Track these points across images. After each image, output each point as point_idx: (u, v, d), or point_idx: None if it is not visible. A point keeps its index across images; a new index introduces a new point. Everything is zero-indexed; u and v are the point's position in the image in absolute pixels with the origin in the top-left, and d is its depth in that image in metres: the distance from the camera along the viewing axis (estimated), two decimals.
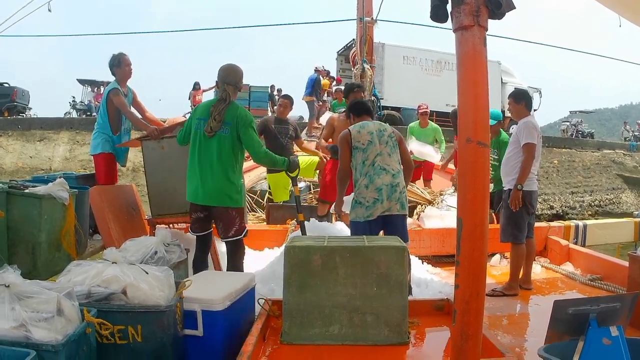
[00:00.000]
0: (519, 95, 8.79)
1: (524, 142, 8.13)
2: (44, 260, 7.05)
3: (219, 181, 7.20)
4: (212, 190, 7.21)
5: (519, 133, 8.26)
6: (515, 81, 38.26)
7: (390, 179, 7.59)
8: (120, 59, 9.67)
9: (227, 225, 7.29)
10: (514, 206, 8.15)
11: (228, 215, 7.26)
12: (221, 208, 7.25)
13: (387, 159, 7.73)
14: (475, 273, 3.86)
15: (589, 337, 4.09)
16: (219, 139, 7.21)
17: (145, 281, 4.76)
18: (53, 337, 3.75)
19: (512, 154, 8.38)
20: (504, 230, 8.52)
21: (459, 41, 3.90)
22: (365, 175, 7.62)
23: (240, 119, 7.28)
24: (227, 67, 7.62)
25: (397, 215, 7.65)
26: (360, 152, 7.74)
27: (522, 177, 8.11)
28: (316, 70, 30.85)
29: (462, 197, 3.92)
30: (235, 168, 7.35)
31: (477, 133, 3.81)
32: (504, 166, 8.57)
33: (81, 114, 39.52)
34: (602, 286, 8.51)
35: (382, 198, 7.49)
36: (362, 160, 7.71)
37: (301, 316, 5.30)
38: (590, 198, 32.50)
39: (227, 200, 7.23)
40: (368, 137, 7.77)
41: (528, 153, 8.08)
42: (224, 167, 7.22)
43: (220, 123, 7.18)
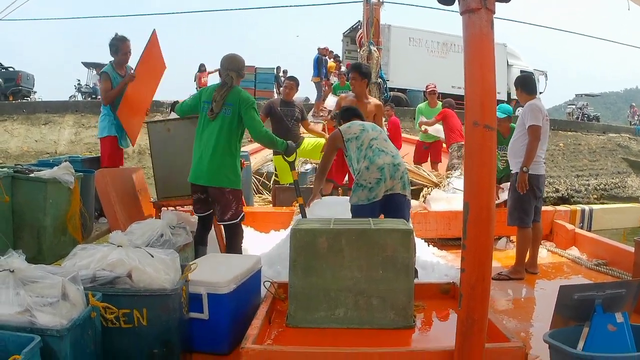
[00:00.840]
0: (516, 81, 8.98)
1: (528, 124, 8.10)
2: (49, 244, 7.05)
3: (216, 161, 7.34)
4: (208, 170, 7.34)
5: (524, 116, 8.24)
6: (521, 64, 38.23)
7: (391, 159, 7.51)
8: (118, 46, 9.81)
9: (223, 208, 7.41)
10: (521, 189, 8.10)
11: (224, 197, 7.40)
12: (217, 189, 7.39)
13: (384, 143, 7.71)
14: (482, 257, 3.84)
15: (594, 323, 4.09)
16: (220, 120, 7.40)
17: (150, 264, 4.77)
18: (58, 321, 3.76)
19: (519, 137, 8.35)
20: (510, 214, 8.48)
21: (466, 24, 3.86)
22: (364, 158, 7.53)
23: (242, 100, 7.45)
24: (230, 55, 7.78)
25: (399, 195, 7.56)
26: (354, 141, 7.71)
27: (527, 160, 8.07)
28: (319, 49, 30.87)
29: (468, 180, 3.90)
30: (232, 149, 7.51)
31: (484, 116, 3.78)
32: (511, 149, 8.53)
33: (86, 97, 39.49)
34: (608, 271, 8.51)
35: (385, 177, 7.38)
36: (357, 147, 7.66)
37: (307, 299, 5.28)
38: (596, 182, 32.42)
39: (224, 181, 7.37)
40: (359, 127, 7.81)
41: (533, 135, 8.04)
42: (221, 147, 7.37)
43: (221, 104, 7.38)
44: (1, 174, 6.70)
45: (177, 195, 8.39)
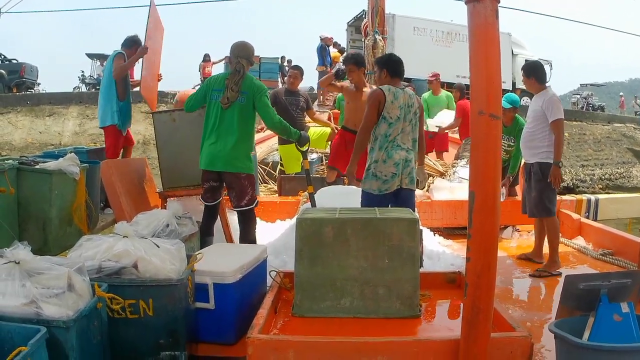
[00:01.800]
0: (527, 70, 8.60)
1: (553, 118, 7.97)
2: (54, 235, 7.06)
3: (234, 148, 7.38)
4: (226, 156, 7.37)
5: (547, 109, 8.06)
6: (526, 53, 38.14)
7: (405, 154, 7.55)
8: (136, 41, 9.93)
9: (240, 194, 7.46)
10: (557, 184, 8.05)
11: (240, 183, 7.49)
12: (234, 175, 7.44)
13: (405, 137, 7.65)
14: (487, 246, 3.85)
15: (599, 313, 4.10)
16: (237, 108, 7.43)
17: (156, 255, 4.78)
18: (64, 313, 3.77)
19: (537, 129, 8.22)
20: (536, 206, 8.34)
21: (471, 13, 3.86)
22: (384, 149, 7.52)
23: (256, 88, 7.52)
24: (240, 43, 7.83)
25: (405, 189, 7.61)
26: (386, 125, 7.58)
27: (558, 154, 7.97)
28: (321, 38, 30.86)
29: (474, 170, 3.91)
30: (249, 136, 7.71)
31: (489, 105, 3.78)
32: (527, 140, 8.40)
33: (90, 88, 39.43)
34: (614, 261, 8.51)
35: (399, 172, 7.46)
36: (385, 133, 7.57)
37: (313, 289, 5.29)
38: (601, 171, 32.42)
39: (241, 166, 7.44)
40: (398, 111, 7.60)
41: (559, 129, 7.97)
42: (239, 134, 7.41)
43: (237, 93, 7.40)
44: (6, 166, 6.70)
45: (182, 185, 8.43)
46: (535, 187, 8.31)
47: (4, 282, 3.80)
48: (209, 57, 36.17)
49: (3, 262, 3.89)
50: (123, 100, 9.77)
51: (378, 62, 8.28)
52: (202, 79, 35.45)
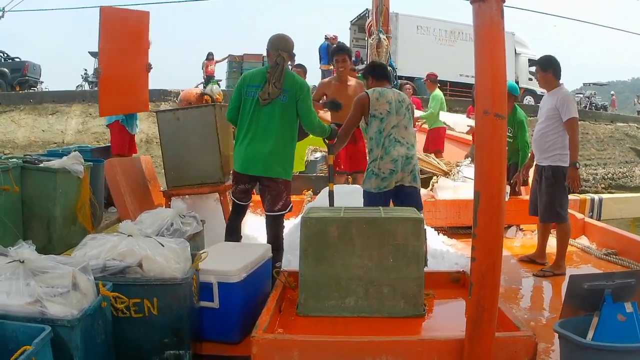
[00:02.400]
0: (546, 63, 8.27)
1: (567, 117, 7.78)
2: (59, 234, 7.08)
3: (273, 151, 6.95)
4: (264, 160, 6.96)
5: (560, 107, 7.85)
6: (529, 52, 38.23)
7: (405, 151, 7.51)
8: None
9: (275, 199, 7.08)
10: (575, 187, 7.87)
11: (277, 187, 7.08)
12: (271, 179, 7.04)
13: (403, 132, 7.64)
14: (492, 246, 3.86)
15: (603, 313, 4.10)
16: (278, 106, 6.96)
17: (161, 254, 4.79)
18: (68, 312, 3.78)
19: (550, 129, 8.01)
20: (547, 210, 8.16)
21: (476, 13, 3.87)
22: (381, 146, 7.50)
23: (299, 86, 7.06)
24: (279, 35, 7.35)
25: (408, 187, 7.58)
26: (377, 121, 7.59)
27: (575, 154, 7.80)
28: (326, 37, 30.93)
29: (479, 169, 3.91)
30: (290, 138, 7.15)
31: (494, 105, 3.79)
32: (540, 141, 8.18)
33: (93, 86, 39.39)
34: (617, 261, 8.49)
35: (397, 169, 7.42)
36: (378, 130, 7.57)
37: (317, 288, 5.30)
38: (604, 171, 32.42)
39: (279, 171, 7.02)
40: (387, 106, 7.61)
41: (574, 129, 7.80)
42: (279, 136, 6.99)
43: (279, 90, 6.91)
44: (11, 165, 6.72)
45: (187, 184, 8.40)
46: (547, 192, 8.13)
47: (8, 281, 3.81)
48: (212, 56, 36.31)
49: (8, 261, 3.91)
50: None
51: (363, 73, 8.50)
52: (204, 77, 35.59)
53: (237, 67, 36.82)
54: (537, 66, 8.51)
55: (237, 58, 37.49)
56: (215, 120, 8.23)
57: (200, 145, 7.88)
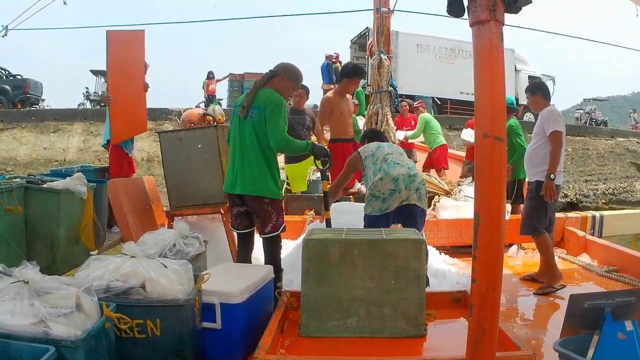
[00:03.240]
0: (534, 87, 8.69)
1: (550, 130, 7.97)
2: (62, 254, 7.10)
3: (252, 168, 6.79)
4: (245, 177, 6.82)
5: (544, 122, 8.10)
6: (529, 69, 38.20)
7: (407, 170, 7.50)
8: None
9: (264, 221, 6.89)
10: (548, 197, 7.99)
11: (263, 208, 6.84)
12: (255, 198, 6.84)
13: (400, 157, 7.73)
14: (492, 267, 3.87)
15: (604, 331, 4.13)
16: (249, 125, 6.80)
17: (164, 275, 4.81)
18: (72, 332, 3.80)
19: (539, 145, 8.22)
20: (524, 222, 8.39)
21: (476, 35, 3.90)
22: (379, 170, 7.53)
23: (268, 102, 6.76)
24: (287, 63, 7.23)
25: (414, 205, 7.51)
26: (371, 157, 7.74)
27: (553, 166, 7.93)
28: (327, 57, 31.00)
29: (479, 191, 3.94)
30: (267, 156, 6.85)
31: (494, 128, 3.81)
32: (530, 158, 8.42)
33: (95, 104, 39.47)
34: (619, 278, 8.50)
35: (399, 187, 7.36)
36: (372, 163, 7.68)
37: (319, 309, 5.34)
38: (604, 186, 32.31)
39: (262, 189, 6.81)
40: (375, 145, 7.86)
41: (556, 142, 7.94)
42: (256, 153, 6.78)
43: (249, 103, 6.81)
44: (14, 185, 6.75)
45: (189, 204, 8.39)
46: (527, 205, 8.43)
47: (12, 301, 3.82)
48: (213, 75, 36.32)
49: (12, 281, 3.93)
50: None
51: (362, 137, 8.85)
52: (205, 96, 35.58)
53: (238, 86, 36.81)
54: (527, 93, 8.72)
55: (238, 77, 37.48)
56: (217, 141, 8.23)
57: (203, 166, 7.90)
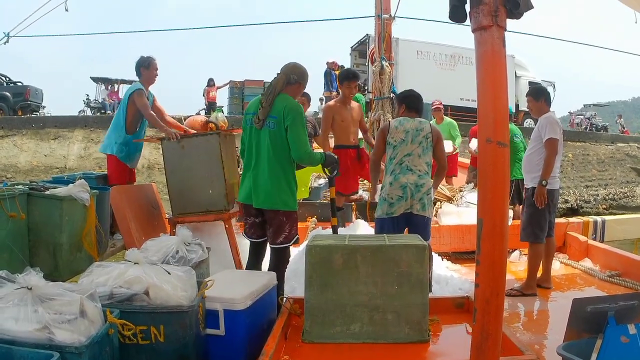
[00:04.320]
0: (538, 92, 8.70)
1: (546, 137, 8.04)
2: (65, 261, 7.09)
3: (269, 181, 6.79)
4: (262, 191, 6.84)
5: (541, 129, 8.17)
6: (529, 75, 38.30)
7: (416, 179, 7.60)
8: (150, 62, 9.80)
9: (276, 231, 6.91)
10: (540, 203, 8.06)
11: (278, 219, 6.90)
12: (271, 211, 6.88)
13: (416, 160, 7.73)
14: (495, 273, 3.88)
15: (607, 335, 4.11)
16: (267, 134, 6.74)
17: (167, 281, 4.80)
18: (76, 338, 3.79)
19: (534, 151, 8.31)
20: (524, 229, 8.42)
21: (478, 41, 3.91)
22: (391, 173, 7.66)
23: (288, 111, 6.69)
24: (292, 63, 7.13)
25: (417, 215, 7.63)
26: (391, 149, 7.77)
27: (546, 173, 8.02)
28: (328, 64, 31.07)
29: (482, 197, 3.94)
30: (284, 167, 6.85)
31: (496, 133, 3.82)
32: (526, 163, 8.49)
33: (95, 111, 39.59)
34: (621, 282, 8.53)
35: (406, 196, 7.51)
36: (390, 157, 7.75)
37: (322, 315, 5.33)
38: (605, 192, 32.39)
39: (278, 203, 6.85)
40: (402, 135, 7.74)
41: (551, 149, 7.99)
42: (272, 166, 6.78)
43: (267, 111, 6.72)
44: (17, 192, 6.75)
45: (192, 211, 8.44)
46: (526, 212, 8.43)
47: (16, 308, 3.82)
48: (214, 82, 36.38)
49: (15, 288, 3.92)
50: (131, 133, 9.77)
51: (398, 99, 8.62)
52: (206, 103, 35.66)
53: (238, 93, 36.92)
54: (529, 97, 8.75)
55: (238, 84, 37.55)
56: (219, 148, 8.25)
57: (205, 173, 7.92)
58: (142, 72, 9.73)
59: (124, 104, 9.78)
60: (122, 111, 9.74)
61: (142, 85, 9.61)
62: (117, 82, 41.25)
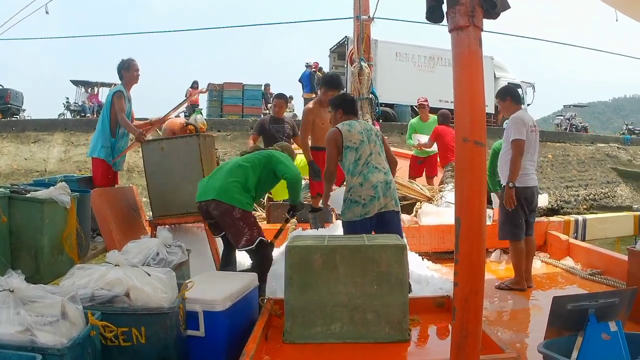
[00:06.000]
0: (503, 92, 8.87)
1: (511, 138, 8.12)
2: (46, 263, 7.07)
3: (226, 181, 7.21)
4: (217, 185, 7.21)
5: (507, 130, 8.28)
6: (508, 76, 38.26)
7: (384, 177, 7.59)
8: (130, 63, 9.86)
9: (235, 235, 7.21)
10: (508, 204, 8.16)
11: (231, 217, 7.12)
12: (222, 206, 7.12)
13: (379, 158, 7.72)
14: (474, 271, 3.90)
15: (588, 333, 4.14)
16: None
17: (148, 283, 4.82)
18: (58, 340, 3.81)
19: (504, 152, 8.39)
20: (501, 228, 8.53)
21: (455, 42, 3.93)
22: (359, 174, 7.54)
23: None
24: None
25: (391, 212, 7.62)
26: (353, 152, 7.65)
27: (512, 175, 8.11)
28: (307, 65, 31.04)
29: (459, 196, 3.96)
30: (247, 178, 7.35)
31: (473, 132, 3.84)
32: (501, 164, 8.54)
33: (75, 115, 39.36)
34: (602, 280, 8.57)
35: (378, 195, 7.44)
36: (354, 159, 7.63)
37: (303, 315, 5.35)
38: (585, 192, 32.55)
39: (231, 198, 7.13)
40: (359, 136, 7.69)
41: (516, 150, 8.07)
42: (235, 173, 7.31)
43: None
44: None
45: (172, 213, 8.47)
46: (501, 211, 8.52)
47: None
48: (197, 85, 36.22)
49: None
50: (115, 137, 9.79)
51: (333, 103, 8.44)
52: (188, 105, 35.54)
53: (217, 95, 36.81)
54: (497, 98, 8.92)
55: (217, 87, 37.47)
56: (199, 150, 8.28)
57: (185, 174, 7.94)
58: (124, 75, 9.79)
59: (107, 107, 9.82)
60: (106, 114, 9.77)
61: (124, 88, 9.65)
62: (97, 85, 41.00)
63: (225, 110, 35.47)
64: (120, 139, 9.92)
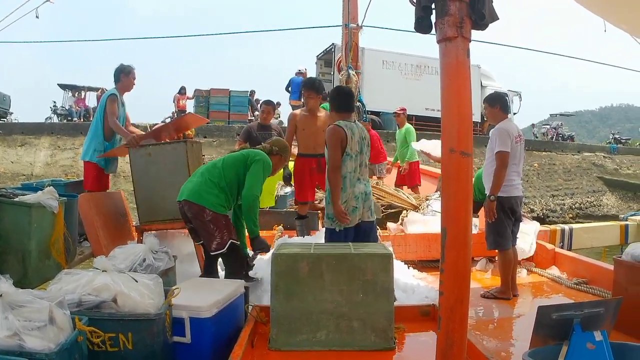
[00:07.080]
0: (493, 99, 8.78)
1: (496, 150, 8.09)
2: (34, 268, 7.07)
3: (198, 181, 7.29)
4: (190, 185, 7.31)
5: (492, 141, 8.24)
6: (495, 85, 38.31)
7: (364, 188, 7.64)
8: (130, 70, 9.86)
9: (206, 238, 7.25)
10: (488, 217, 8.18)
11: (202, 219, 7.15)
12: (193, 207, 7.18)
13: (363, 169, 7.74)
14: (460, 280, 3.93)
15: (573, 342, 4.15)
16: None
17: (135, 289, 4.81)
18: (46, 345, 3.79)
19: (489, 162, 8.37)
20: (487, 239, 8.54)
21: (443, 52, 3.97)
22: (349, 185, 7.52)
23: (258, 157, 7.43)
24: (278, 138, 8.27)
25: (367, 222, 7.67)
26: (352, 162, 7.55)
27: (494, 187, 8.08)
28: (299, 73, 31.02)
29: (445, 206, 4.00)
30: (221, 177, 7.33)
31: (460, 143, 3.88)
32: (485, 174, 8.53)
33: (62, 119, 39.25)
34: (588, 290, 8.55)
35: (359, 205, 7.50)
36: (353, 169, 7.55)
37: (289, 323, 5.37)
38: (571, 201, 32.61)
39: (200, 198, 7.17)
40: (357, 146, 7.60)
41: (500, 161, 8.03)
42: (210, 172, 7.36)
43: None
44: None
45: (159, 219, 8.45)
46: (486, 221, 8.47)
47: None
48: (185, 90, 36.21)
49: None
50: (109, 141, 9.79)
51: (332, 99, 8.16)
52: (175, 111, 35.48)
53: (204, 101, 36.74)
54: (486, 103, 8.83)
55: (204, 93, 37.41)
56: (186, 156, 8.28)
57: (172, 181, 7.91)
58: (122, 79, 9.77)
59: (100, 110, 9.78)
60: (100, 118, 9.74)
61: (117, 92, 9.65)
62: (84, 89, 40.92)
63: (211, 116, 35.42)
64: (117, 143, 9.90)
